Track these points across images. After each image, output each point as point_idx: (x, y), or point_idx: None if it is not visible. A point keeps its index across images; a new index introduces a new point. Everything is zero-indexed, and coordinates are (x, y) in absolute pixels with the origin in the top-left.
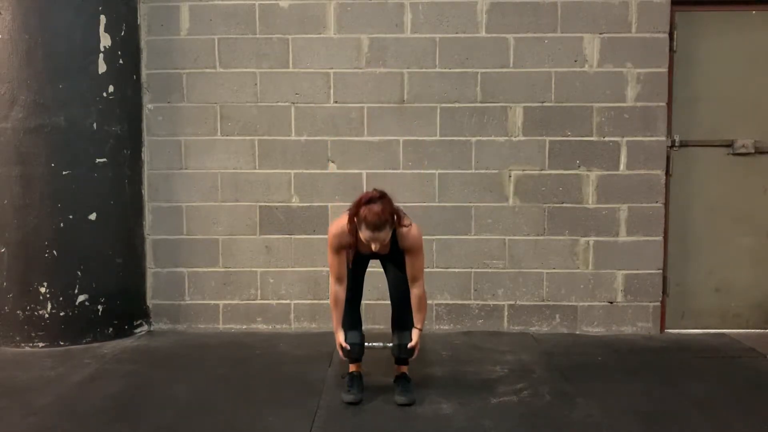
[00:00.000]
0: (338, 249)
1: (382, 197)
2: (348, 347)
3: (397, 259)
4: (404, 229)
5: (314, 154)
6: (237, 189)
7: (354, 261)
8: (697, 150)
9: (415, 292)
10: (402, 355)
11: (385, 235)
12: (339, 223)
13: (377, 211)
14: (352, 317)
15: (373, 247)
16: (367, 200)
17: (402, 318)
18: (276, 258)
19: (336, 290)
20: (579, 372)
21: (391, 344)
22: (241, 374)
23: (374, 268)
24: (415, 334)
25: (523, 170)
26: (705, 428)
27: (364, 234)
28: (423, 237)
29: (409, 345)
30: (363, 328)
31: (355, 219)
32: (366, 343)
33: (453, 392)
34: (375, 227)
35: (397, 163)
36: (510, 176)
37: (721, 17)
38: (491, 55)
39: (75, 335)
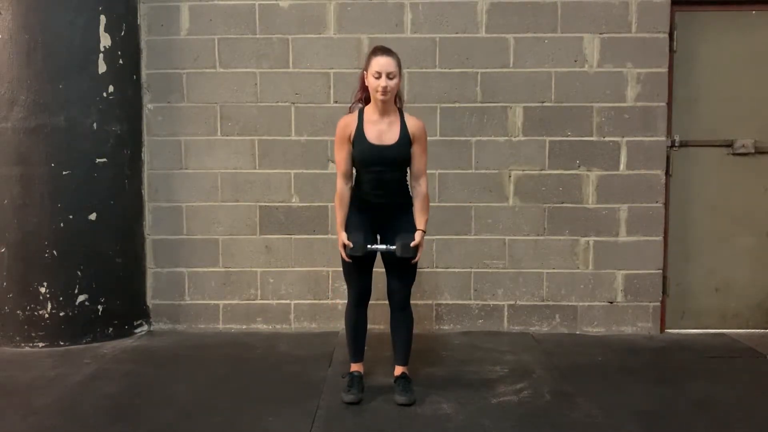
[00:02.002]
0: (345, 140)
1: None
2: (350, 244)
3: (398, 185)
4: (412, 116)
5: (314, 154)
6: (237, 189)
7: (360, 204)
8: (697, 150)
9: (418, 191)
10: (405, 254)
11: (395, 68)
12: (345, 116)
13: (385, 48)
14: (358, 224)
15: (381, 84)
16: (375, 48)
17: (405, 230)
18: (276, 258)
19: (341, 187)
20: (579, 372)
21: (394, 246)
22: (241, 374)
23: (374, 268)
24: (418, 234)
25: (523, 170)
26: (705, 428)
27: (373, 66)
28: (424, 237)
29: (412, 243)
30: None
31: (365, 72)
32: (369, 246)
33: (453, 392)
34: (384, 51)
35: None
36: (510, 176)
37: (721, 17)
38: (491, 55)
39: (75, 335)
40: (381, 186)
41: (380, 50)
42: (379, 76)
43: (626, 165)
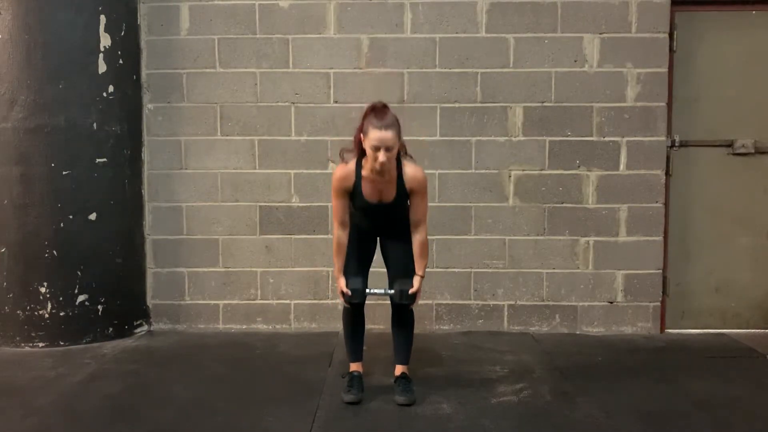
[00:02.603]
0: (342, 193)
1: (385, 105)
2: (349, 292)
3: (399, 231)
4: (410, 169)
5: (314, 154)
6: (237, 189)
7: (358, 238)
8: (697, 150)
9: (417, 238)
10: (404, 300)
11: (393, 140)
12: (344, 166)
13: (383, 108)
14: (357, 267)
15: (380, 157)
16: (372, 108)
17: (404, 271)
18: (276, 258)
19: (339, 235)
20: (579, 372)
21: (392, 291)
22: (241, 374)
23: (375, 268)
24: (416, 280)
25: (523, 170)
26: (705, 428)
27: (371, 138)
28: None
29: (410, 291)
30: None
31: (361, 134)
32: (368, 290)
33: (453, 392)
34: (383, 119)
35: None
36: (510, 176)
37: (721, 17)
38: (491, 55)
39: (75, 335)
40: (380, 222)
41: (379, 117)
42: (377, 149)
43: (626, 165)
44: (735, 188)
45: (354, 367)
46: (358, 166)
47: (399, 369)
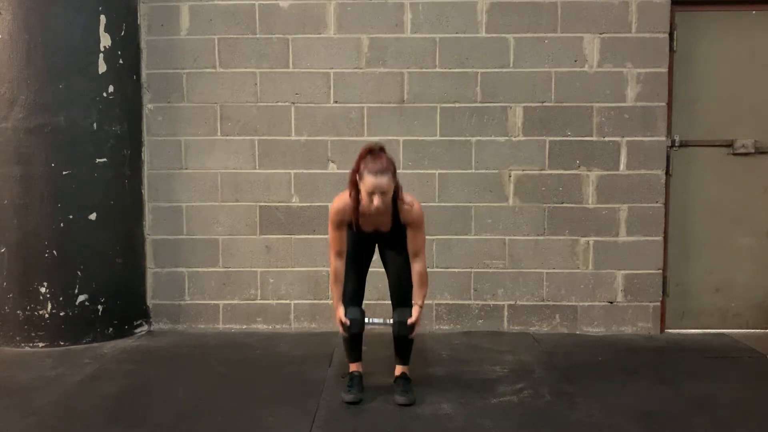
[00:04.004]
0: (339, 225)
1: (381, 148)
2: (348, 322)
3: (397, 242)
4: (405, 206)
5: (314, 154)
6: (237, 189)
7: (355, 248)
8: (697, 150)
9: (416, 268)
10: (402, 332)
11: (388, 185)
12: (341, 198)
13: (380, 151)
14: (353, 294)
15: (375, 201)
16: (368, 150)
17: (402, 296)
18: (276, 258)
19: (336, 266)
20: (579, 372)
21: (391, 321)
22: (241, 374)
23: (374, 268)
24: (415, 310)
25: (523, 170)
26: (705, 428)
27: (366, 183)
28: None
29: (409, 321)
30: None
31: (357, 175)
32: (366, 320)
33: (453, 392)
34: (378, 164)
35: (397, 163)
36: (510, 176)
37: (721, 17)
38: (491, 55)
39: (75, 335)
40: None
41: (373, 163)
42: (372, 193)
43: (626, 165)
44: (735, 188)
45: (354, 367)
46: (357, 201)
47: (399, 369)
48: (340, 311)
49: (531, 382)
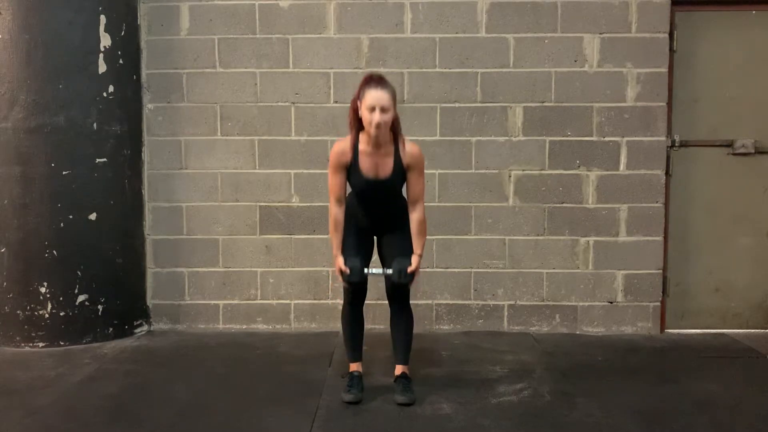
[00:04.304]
0: (338, 168)
1: (381, 76)
2: (347, 270)
3: (397, 231)
4: (407, 145)
5: (314, 154)
6: (237, 189)
7: (357, 230)
8: (697, 150)
9: (415, 216)
10: (402, 280)
11: (389, 102)
12: (341, 141)
13: (380, 77)
14: (355, 248)
15: (375, 117)
16: (369, 76)
17: (401, 252)
18: (276, 258)
19: (335, 212)
20: (579, 372)
21: (391, 270)
22: (241, 374)
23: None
24: (415, 259)
25: (523, 170)
26: (705, 428)
27: (366, 99)
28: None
29: (409, 269)
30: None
31: (357, 102)
32: (366, 270)
33: (453, 392)
34: (378, 83)
35: None
36: (510, 176)
37: (721, 17)
38: (491, 55)
39: (75, 335)
40: (377, 208)
41: (374, 81)
42: (372, 109)
43: (626, 165)
44: (735, 188)
45: (354, 367)
46: (356, 141)
47: (399, 369)
48: (340, 260)
49: (531, 382)
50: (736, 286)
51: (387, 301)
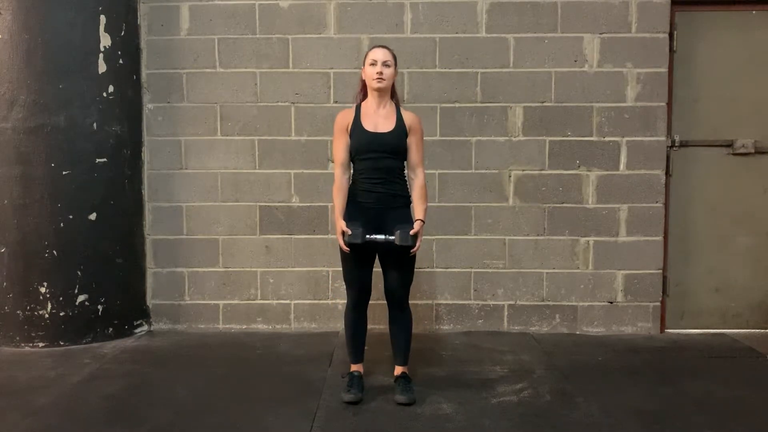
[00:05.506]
0: (343, 130)
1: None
2: (349, 231)
3: (396, 200)
4: (407, 112)
5: (314, 154)
6: (237, 189)
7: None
8: (697, 150)
9: (417, 182)
10: (405, 242)
11: (390, 58)
12: (344, 109)
13: (381, 46)
14: (358, 219)
15: (377, 70)
16: (373, 45)
17: (403, 223)
18: (276, 258)
19: (339, 176)
20: (579, 372)
21: (393, 236)
22: (241, 374)
23: (374, 268)
24: (417, 223)
25: (523, 170)
26: (705, 428)
27: (368, 57)
28: (423, 236)
29: (411, 232)
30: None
31: (363, 70)
32: (368, 235)
33: (453, 392)
34: (380, 46)
35: None
36: (510, 176)
37: (721, 17)
38: (491, 55)
39: (75, 335)
40: (377, 173)
41: (376, 45)
42: (374, 63)
43: (626, 165)
44: (735, 188)
45: (354, 367)
46: (358, 106)
47: (399, 369)
48: (341, 223)
49: (531, 382)
50: (736, 286)
51: (386, 301)
